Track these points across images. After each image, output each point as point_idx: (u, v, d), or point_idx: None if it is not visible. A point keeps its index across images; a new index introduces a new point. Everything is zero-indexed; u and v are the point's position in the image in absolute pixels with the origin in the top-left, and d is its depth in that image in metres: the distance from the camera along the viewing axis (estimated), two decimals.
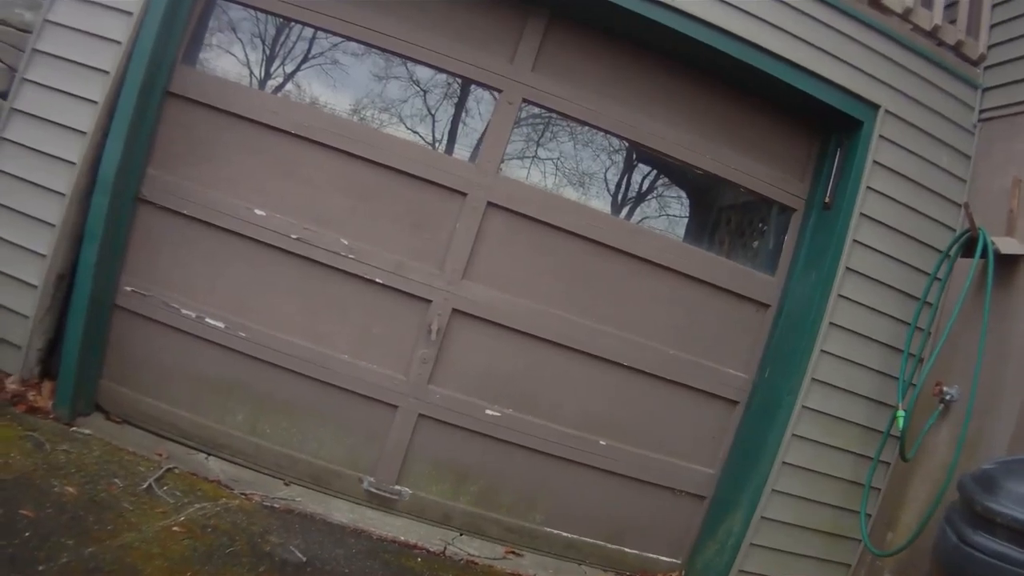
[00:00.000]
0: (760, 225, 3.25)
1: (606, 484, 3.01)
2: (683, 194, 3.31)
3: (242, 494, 2.59)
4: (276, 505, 2.60)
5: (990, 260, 2.69)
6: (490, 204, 2.86)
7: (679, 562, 3.12)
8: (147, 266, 2.79)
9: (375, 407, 2.88)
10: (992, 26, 3.07)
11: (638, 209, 3.31)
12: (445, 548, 2.74)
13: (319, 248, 2.80)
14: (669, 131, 2.98)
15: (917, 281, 2.95)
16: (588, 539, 3.04)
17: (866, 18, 2.90)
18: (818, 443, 2.91)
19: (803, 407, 2.87)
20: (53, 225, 2.56)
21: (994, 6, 3.09)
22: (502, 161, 2.90)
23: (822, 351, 2.87)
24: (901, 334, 2.94)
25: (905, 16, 2.98)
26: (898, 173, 2.93)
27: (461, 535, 2.91)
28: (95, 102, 2.56)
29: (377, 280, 2.84)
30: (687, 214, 3.32)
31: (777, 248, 3.13)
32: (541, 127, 3.09)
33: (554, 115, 3.01)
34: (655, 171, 3.27)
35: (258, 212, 2.78)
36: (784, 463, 2.87)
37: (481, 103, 3.00)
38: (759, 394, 3.04)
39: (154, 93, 2.66)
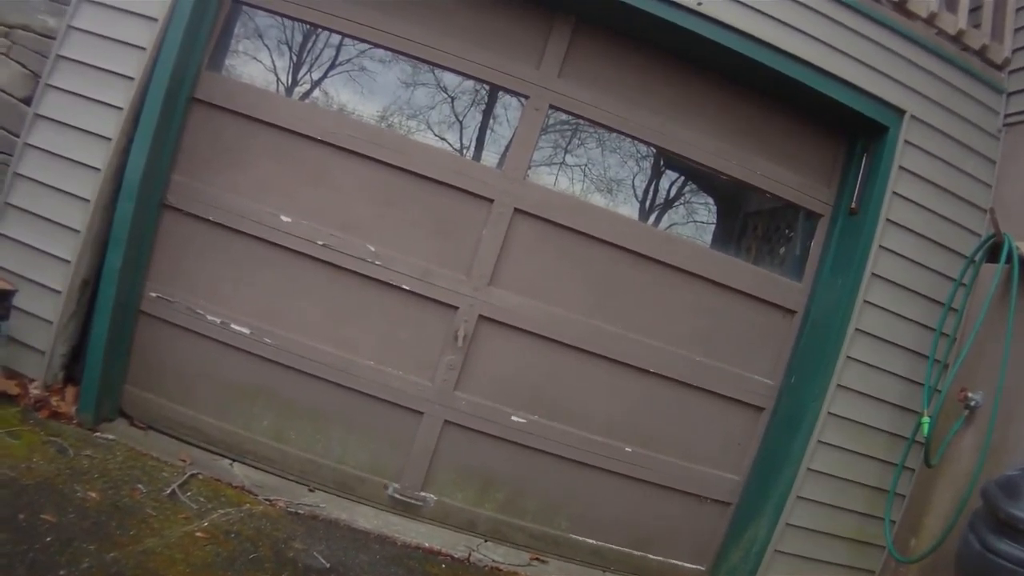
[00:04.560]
0: (787, 231, 3.24)
1: (631, 491, 3.00)
2: (710, 200, 3.30)
3: (266, 500, 2.59)
4: (300, 511, 2.60)
5: (1015, 265, 2.68)
6: (517, 211, 2.85)
7: (704, 569, 3.11)
8: (172, 272, 2.79)
9: (401, 413, 2.87)
10: (1016, 30, 3.06)
11: (665, 215, 3.30)
12: (470, 555, 2.74)
13: (345, 255, 2.80)
14: (696, 137, 2.98)
15: (942, 286, 2.95)
16: (613, 546, 3.03)
17: (892, 23, 2.89)
18: (843, 449, 2.90)
19: (828, 413, 2.86)
20: (78, 231, 2.57)
21: (1018, 10, 3.08)
22: (529, 167, 2.89)
23: (848, 357, 2.86)
24: (926, 340, 2.93)
25: (930, 21, 2.97)
26: (924, 178, 2.92)
27: (486, 541, 2.91)
28: (120, 108, 2.56)
29: (403, 286, 2.83)
30: (714, 220, 3.30)
31: (804, 254, 3.12)
32: (568, 133, 3.08)
33: (581, 121, 3.00)
34: (682, 177, 3.25)
35: (284, 218, 2.78)
36: (809, 470, 2.87)
37: (508, 109, 2.99)
38: (785, 400, 3.03)
39: (179, 99, 2.66)
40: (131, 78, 2.55)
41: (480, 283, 2.85)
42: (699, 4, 2.70)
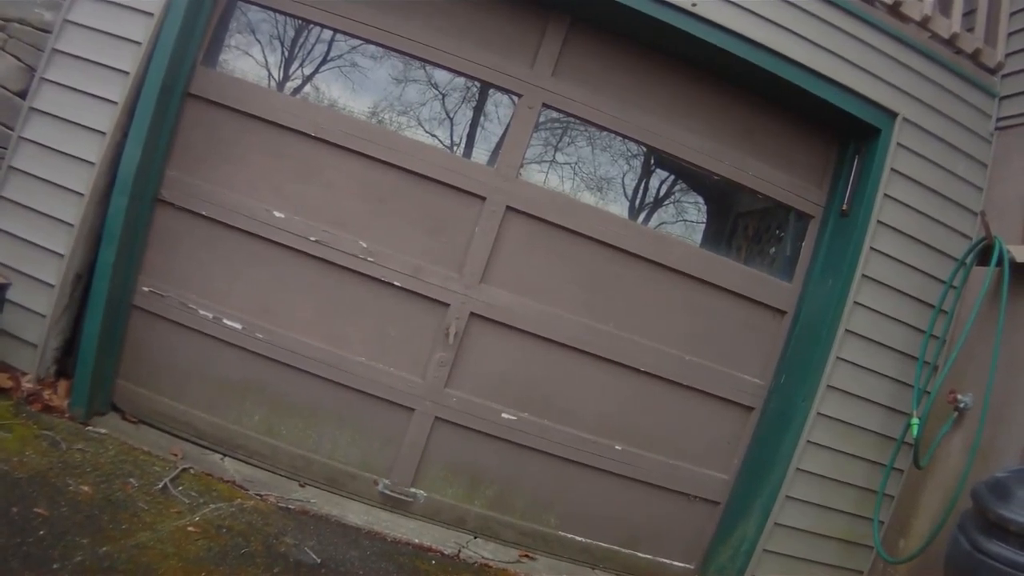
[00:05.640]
0: (777, 232, 3.25)
1: (621, 489, 3.01)
2: (701, 200, 3.30)
3: (257, 495, 2.59)
4: (291, 506, 2.60)
5: (1005, 268, 2.69)
6: (509, 208, 2.85)
7: (692, 567, 3.12)
8: (165, 267, 2.79)
9: (391, 410, 2.88)
10: (1010, 34, 3.07)
11: (656, 214, 3.30)
12: (459, 551, 2.74)
13: (337, 251, 2.81)
14: (689, 137, 2.98)
15: (933, 289, 2.96)
16: (602, 543, 3.04)
17: (886, 26, 2.90)
18: (832, 450, 2.91)
19: (818, 414, 2.87)
20: (71, 225, 2.57)
21: (1012, 14, 3.08)
22: (521, 165, 2.90)
23: (838, 358, 2.87)
24: (916, 342, 2.94)
25: (924, 24, 2.98)
26: (915, 181, 2.93)
27: (475, 538, 2.92)
28: (115, 102, 2.56)
29: (395, 283, 2.84)
30: (704, 220, 3.30)
31: (794, 255, 3.13)
32: (560, 132, 3.09)
33: (573, 120, 3.01)
34: (673, 176, 3.26)
35: (277, 214, 2.79)
36: (798, 469, 2.87)
37: (500, 107, 2.99)
38: (775, 400, 3.04)
39: (174, 94, 2.66)
40: (126, 72, 2.56)
41: (471, 280, 2.86)
42: (694, 5, 2.71)
